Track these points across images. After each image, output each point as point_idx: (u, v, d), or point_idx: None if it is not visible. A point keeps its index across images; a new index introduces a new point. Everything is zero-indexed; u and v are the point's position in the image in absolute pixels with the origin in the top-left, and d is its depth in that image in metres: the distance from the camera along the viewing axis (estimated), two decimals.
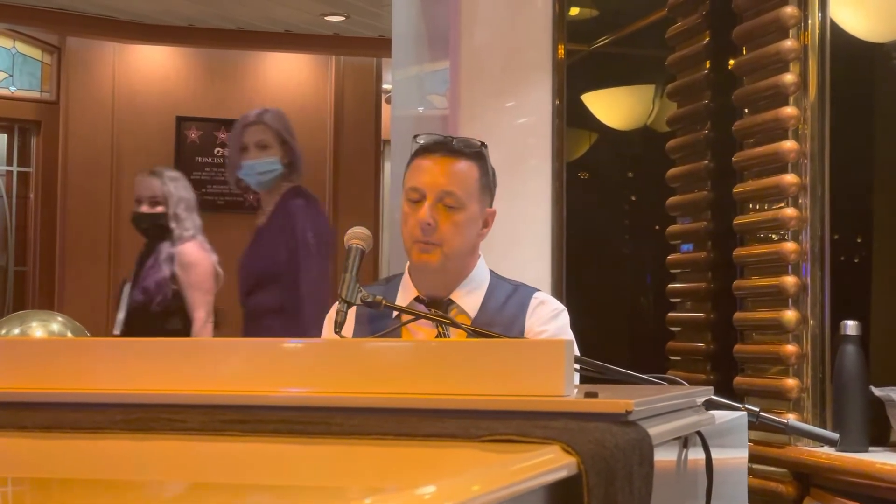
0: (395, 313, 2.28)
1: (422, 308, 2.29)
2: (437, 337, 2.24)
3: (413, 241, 2.31)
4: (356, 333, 2.32)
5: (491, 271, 2.43)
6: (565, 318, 2.37)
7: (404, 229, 2.33)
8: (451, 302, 2.35)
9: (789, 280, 2.91)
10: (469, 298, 2.35)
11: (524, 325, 2.32)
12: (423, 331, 2.29)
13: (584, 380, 1.99)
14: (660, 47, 3.76)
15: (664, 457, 1.47)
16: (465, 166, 2.33)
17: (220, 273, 4.52)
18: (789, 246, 2.91)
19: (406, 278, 2.39)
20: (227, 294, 7.68)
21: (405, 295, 2.37)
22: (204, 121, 7.73)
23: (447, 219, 2.30)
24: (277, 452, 1.25)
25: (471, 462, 1.17)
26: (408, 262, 2.39)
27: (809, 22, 2.94)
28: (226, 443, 1.29)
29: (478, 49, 3.71)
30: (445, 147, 2.34)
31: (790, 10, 2.95)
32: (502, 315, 2.33)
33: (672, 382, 1.94)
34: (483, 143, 2.38)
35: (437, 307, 2.28)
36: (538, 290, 2.41)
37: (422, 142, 2.36)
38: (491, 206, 2.40)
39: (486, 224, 2.39)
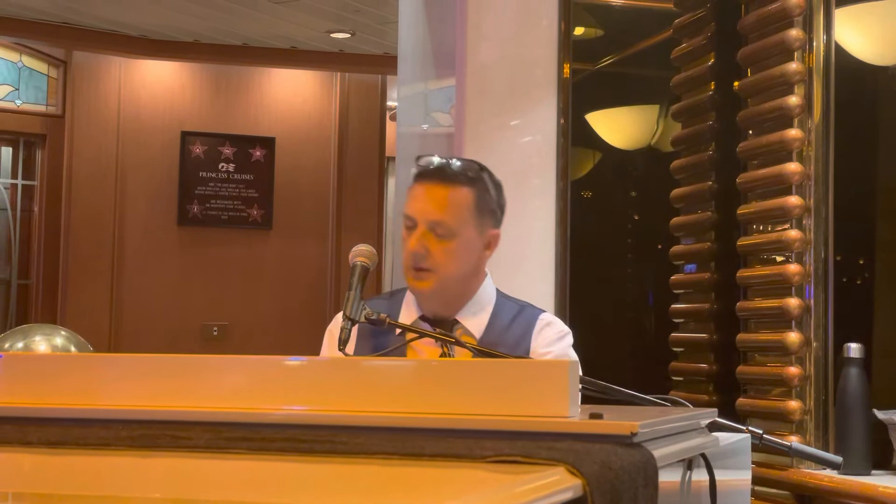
0: (398, 329, 2.28)
1: (426, 326, 2.29)
2: (441, 356, 2.24)
3: (407, 267, 2.32)
4: (358, 348, 2.32)
5: (497, 290, 2.43)
6: (570, 340, 2.37)
7: (403, 253, 2.34)
8: (457, 322, 2.35)
9: (792, 302, 2.91)
10: (475, 319, 2.35)
11: (530, 346, 2.32)
12: (427, 349, 2.29)
13: (587, 400, 1.99)
14: (664, 68, 3.77)
15: (668, 478, 1.47)
16: (458, 194, 2.30)
17: None
18: (793, 268, 2.92)
19: (409, 295, 2.39)
20: (231, 309, 7.71)
21: (409, 312, 2.36)
22: (209, 136, 7.74)
23: (438, 246, 2.29)
24: (283, 471, 1.25)
25: (476, 483, 1.17)
26: None
27: (814, 45, 2.95)
28: (231, 461, 1.29)
29: (483, 67, 3.72)
30: (440, 174, 2.30)
31: (795, 33, 2.96)
32: (508, 335, 2.33)
33: (676, 403, 1.94)
34: (482, 167, 2.35)
35: (442, 326, 2.28)
36: (544, 311, 2.41)
37: (421, 164, 2.34)
38: (496, 226, 2.37)
39: (489, 246, 2.36)
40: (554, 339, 2.34)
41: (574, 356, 2.34)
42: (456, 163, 2.33)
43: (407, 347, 2.29)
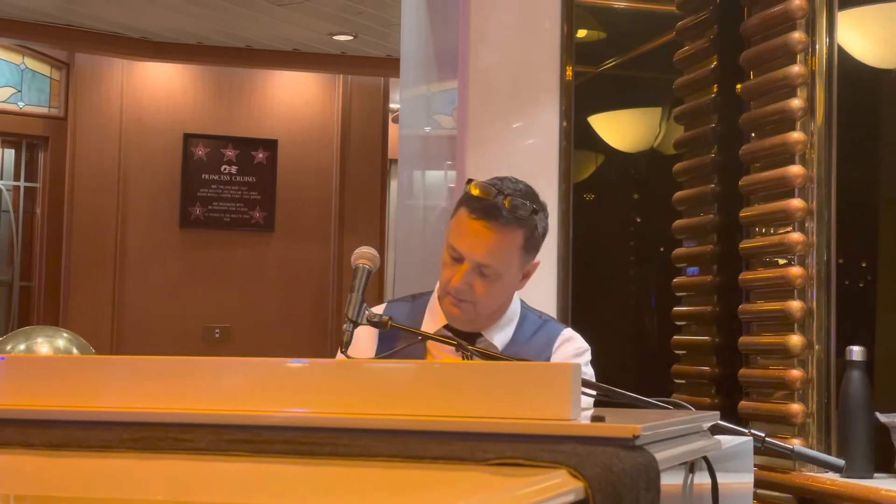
0: (409, 331, 2.28)
1: (449, 335, 2.29)
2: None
3: (446, 292, 2.32)
4: (380, 349, 2.33)
5: (522, 302, 2.44)
6: (588, 357, 2.39)
7: (441, 273, 2.33)
8: (481, 335, 2.36)
9: (795, 305, 2.91)
10: (500, 334, 2.37)
11: (549, 360, 2.33)
12: (446, 357, 2.29)
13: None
14: (667, 70, 3.77)
15: (670, 481, 1.47)
16: (509, 237, 2.27)
17: None
18: (795, 270, 2.91)
19: (435, 303, 2.39)
20: (233, 311, 7.71)
21: (433, 320, 2.37)
22: (211, 138, 7.75)
23: (482, 284, 2.29)
24: (284, 473, 1.25)
25: (478, 485, 1.17)
26: (437, 285, 2.39)
27: (817, 47, 2.95)
28: (233, 463, 1.29)
29: (486, 70, 3.72)
30: (493, 215, 2.24)
31: (798, 36, 2.96)
32: (528, 348, 2.34)
33: (678, 406, 1.94)
34: (530, 196, 2.30)
35: (465, 338, 2.26)
36: (566, 327, 2.43)
37: (474, 192, 2.26)
38: (536, 255, 2.36)
39: (527, 275, 2.37)
40: (571, 355, 2.35)
41: (590, 372, 2.35)
42: (509, 202, 2.24)
43: (427, 354, 2.30)
